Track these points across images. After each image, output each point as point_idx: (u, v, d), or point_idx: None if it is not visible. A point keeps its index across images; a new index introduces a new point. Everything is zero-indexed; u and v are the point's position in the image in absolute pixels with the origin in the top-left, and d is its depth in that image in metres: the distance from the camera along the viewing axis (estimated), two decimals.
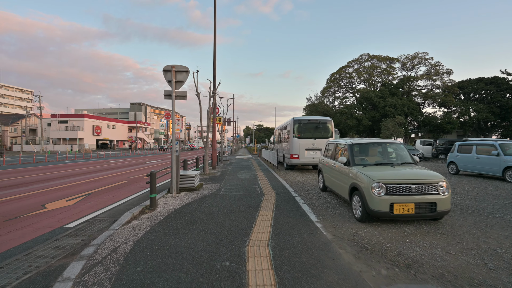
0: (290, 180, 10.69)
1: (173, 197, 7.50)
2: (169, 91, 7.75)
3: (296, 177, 11.80)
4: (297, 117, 13.54)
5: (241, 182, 10.22)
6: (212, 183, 9.95)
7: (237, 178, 11.27)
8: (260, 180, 10.71)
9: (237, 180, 10.65)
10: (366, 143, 6.33)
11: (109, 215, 6.02)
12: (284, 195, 7.56)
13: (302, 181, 10.56)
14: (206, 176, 12.08)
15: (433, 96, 36.42)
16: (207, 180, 10.91)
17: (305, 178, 11.30)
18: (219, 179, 11.04)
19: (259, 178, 11.19)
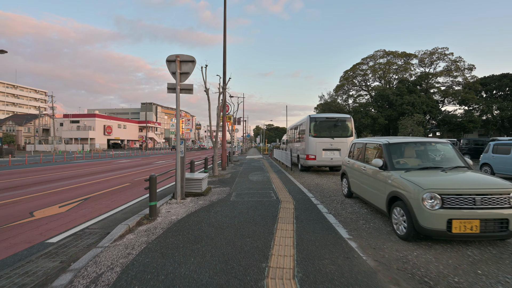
0: (307, 184, 9.69)
1: (178, 203, 6.63)
2: (173, 84, 6.89)
3: (313, 179, 10.79)
4: (313, 114, 12.51)
5: (254, 185, 9.29)
6: (221, 187, 9.05)
7: (249, 181, 10.34)
8: (274, 183, 9.75)
9: (249, 183, 9.73)
10: (408, 143, 5.27)
11: (102, 225, 5.19)
12: (304, 202, 6.58)
13: (321, 184, 9.55)
14: (215, 179, 11.20)
15: (453, 93, 34.54)
16: (216, 183, 10.02)
17: (324, 181, 10.27)
18: (229, 182, 10.14)
19: (273, 181, 10.23)
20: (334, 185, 9.44)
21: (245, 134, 50.34)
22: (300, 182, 10.00)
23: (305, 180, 10.71)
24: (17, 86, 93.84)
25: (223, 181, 10.39)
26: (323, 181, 10.43)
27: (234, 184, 9.69)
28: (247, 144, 64.86)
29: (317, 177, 11.48)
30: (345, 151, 11.86)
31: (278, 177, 11.55)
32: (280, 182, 9.92)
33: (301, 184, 9.50)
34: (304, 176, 11.96)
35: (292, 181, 10.31)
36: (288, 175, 12.20)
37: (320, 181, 10.43)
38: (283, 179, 10.88)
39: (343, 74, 44.17)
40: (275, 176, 11.68)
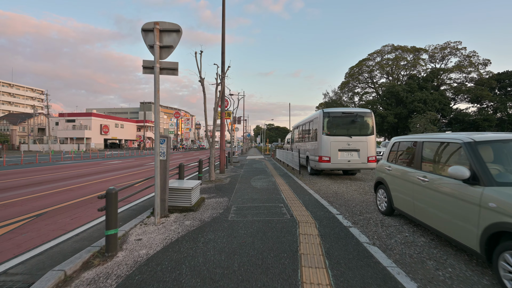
0: (323, 192, 7.88)
1: (156, 225, 4.83)
2: (150, 62, 5.08)
3: (329, 186, 8.98)
4: (327, 109, 10.69)
5: (258, 194, 7.49)
6: (218, 197, 7.25)
7: (252, 188, 8.54)
8: (283, 191, 7.94)
9: (251, 192, 7.92)
10: (506, 140, 3.41)
11: (32, 266, 3.41)
12: (330, 224, 4.77)
13: (340, 193, 7.74)
14: (211, 184, 9.40)
15: (468, 90, 32.65)
16: (212, 190, 8.22)
17: (343, 189, 8.46)
18: (227, 190, 8.34)
19: (281, 188, 8.43)
20: (358, 194, 7.63)
21: (245, 133, 48.55)
22: (315, 190, 8.19)
23: (319, 186, 8.90)
24: (13, 85, 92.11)
25: (220, 188, 8.58)
26: (341, 188, 8.62)
27: (234, 192, 7.88)
28: (247, 144, 63.10)
29: (332, 183, 9.67)
30: (365, 152, 10.05)
31: (286, 182, 9.74)
32: (290, 190, 8.11)
33: (316, 193, 7.69)
34: (316, 181, 10.15)
35: (304, 188, 8.50)
36: (297, 179, 10.40)
37: (338, 188, 8.62)
38: (292, 185, 9.07)
39: (348, 70, 42.30)
40: (282, 182, 9.87)
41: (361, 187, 8.86)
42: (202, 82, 10.16)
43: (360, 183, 9.75)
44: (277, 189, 8.37)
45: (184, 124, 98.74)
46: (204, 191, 8.14)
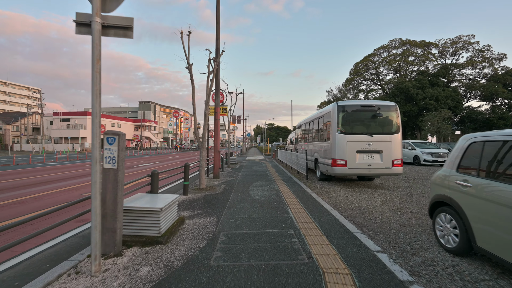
0: (343, 207, 6.03)
1: (92, 275, 2.98)
2: (86, 15, 3.22)
3: (346, 197, 7.13)
4: (342, 101, 8.83)
5: (257, 211, 5.64)
6: (203, 215, 5.40)
7: (250, 201, 6.69)
8: (290, 205, 6.10)
9: (249, 206, 6.07)
10: None
11: None
12: (374, 275, 2.92)
13: (365, 208, 5.89)
14: (199, 194, 7.56)
15: (482, 87, 30.64)
16: (199, 204, 6.37)
17: (366, 201, 6.61)
18: (219, 203, 6.49)
19: (287, 201, 6.58)
20: (390, 210, 5.77)
21: (245, 133, 46.69)
22: (331, 204, 6.34)
23: (335, 198, 7.05)
24: (8, 84, 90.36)
25: (210, 201, 6.74)
26: (364, 200, 6.76)
27: (227, 207, 6.03)
28: (247, 144, 61.25)
29: (349, 192, 7.81)
30: (389, 154, 8.20)
31: (292, 191, 7.90)
32: (299, 203, 6.26)
33: (334, 208, 5.85)
34: (328, 189, 8.30)
35: (316, 200, 6.64)
36: (305, 187, 8.55)
37: (360, 200, 6.76)
38: (301, 195, 7.22)
39: (353, 66, 40.30)
40: (287, 190, 8.02)
41: (388, 198, 7.00)
42: (190, 69, 8.32)
43: (384, 192, 7.90)
44: (282, 201, 6.52)
45: (183, 123, 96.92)
46: (187, 205, 6.29)
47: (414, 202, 6.52)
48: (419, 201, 6.66)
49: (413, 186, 9.06)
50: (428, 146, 18.47)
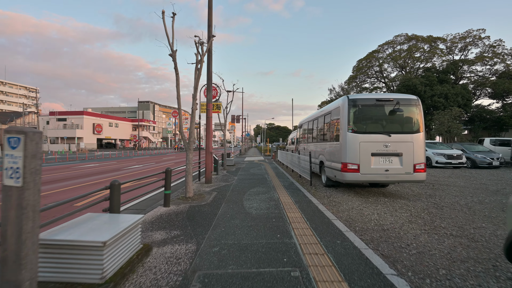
0: (361, 226, 4.74)
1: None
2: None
3: (361, 211, 5.84)
4: (354, 95, 7.53)
5: (251, 233, 4.35)
6: (178, 240, 4.10)
7: (243, 216, 5.39)
8: (293, 224, 4.80)
9: (241, 225, 4.78)
10: None
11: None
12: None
13: (390, 229, 4.59)
14: (183, 206, 6.27)
15: (493, 84, 29.14)
16: (178, 221, 5.08)
17: (388, 217, 5.31)
18: (204, 219, 5.20)
19: (289, 216, 5.29)
20: (421, 230, 4.47)
21: (244, 133, 45.38)
22: (344, 221, 5.05)
23: (347, 212, 5.75)
24: (6, 83, 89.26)
25: (193, 216, 5.45)
26: (384, 215, 5.45)
27: (213, 226, 4.74)
28: (247, 144, 59.97)
29: (363, 203, 6.52)
30: (410, 157, 6.89)
31: (295, 201, 6.60)
32: (304, 221, 4.96)
33: (350, 229, 4.55)
34: (338, 199, 7.00)
35: (325, 216, 5.34)
36: (310, 196, 7.25)
37: (379, 216, 5.46)
38: (306, 208, 5.93)
39: (356, 63, 38.90)
40: (289, 201, 6.72)
41: (413, 213, 5.70)
42: (174, 56, 7.04)
43: (405, 203, 6.60)
44: (283, 217, 5.23)
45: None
46: (164, 222, 4.99)
47: (448, 219, 5.22)
48: (453, 217, 5.35)
49: (436, 194, 7.75)
50: (439, 146, 17.15)
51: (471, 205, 6.39)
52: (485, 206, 6.35)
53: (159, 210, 5.94)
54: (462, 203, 6.60)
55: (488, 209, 6.06)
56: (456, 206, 6.32)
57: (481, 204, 6.50)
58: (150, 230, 4.55)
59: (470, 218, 5.27)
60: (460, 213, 5.64)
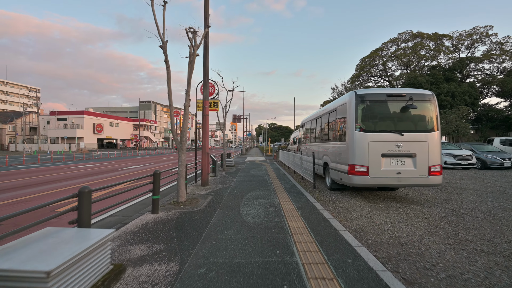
0: (374, 239, 4.09)
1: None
2: None
3: (372, 219, 5.18)
4: (362, 90, 6.87)
5: (246, 247, 3.72)
6: (159, 258, 3.47)
7: (238, 225, 4.75)
8: (295, 235, 4.17)
9: (235, 238, 4.14)
10: None
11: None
12: None
13: (408, 242, 3.94)
14: (173, 212, 5.64)
15: (502, 82, 28.23)
16: (163, 232, 4.45)
17: (403, 227, 4.65)
18: (192, 230, 4.56)
19: (290, 226, 4.65)
20: (446, 245, 3.81)
21: (245, 132, 44.77)
22: (354, 232, 4.40)
23: (356, 220, 5.10)
24: (7, 83, 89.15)
25: (182, 224, 4.82)
26: (398, 224, 4.80)
27: (202, 239, 4.10)
28: (248, 144, 59.31)
29: (373, 209, 5.87)
30: (425, 158, 6.23)
31: (297, 207, 5.97)
32: (308, 233, 4.32)
33: (361, 241, 3.92)
34: (344, 204, 6.35)
35: (332, 225, 4.70)
36: (314, 201, 6.60)
37: (393, 225, 4.80)
38: (309, 216, 5.28)
39: (359, 62, 38.12)
40: (290, 207, 6.08)
41: (431, 222, 5.04)
42: (165, 48, 6.42)
43: (419, 210, 5.94)
44: (283, 227, 4.59)
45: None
46: (147, 233, 4.37)
47: (473, 230, 4.55)
48: (478, 228, 4.69)
49: (452, 199, 7.08)
50: (447, 146, 16.44)
51: (494, 212, 5.72)
52: (510, 213, 5.67)
53: (146, 217, 5.32)
54: (483, 210, 5.93)
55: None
56: (478, 213, 5.66)
57: (505, 211, 5.83)
58: (130, 243, 3.93)
59: (498, 229, 4.61)
60: (484, 222, 4.98)
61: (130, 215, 5.74)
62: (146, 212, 5.72)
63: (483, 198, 7.15)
